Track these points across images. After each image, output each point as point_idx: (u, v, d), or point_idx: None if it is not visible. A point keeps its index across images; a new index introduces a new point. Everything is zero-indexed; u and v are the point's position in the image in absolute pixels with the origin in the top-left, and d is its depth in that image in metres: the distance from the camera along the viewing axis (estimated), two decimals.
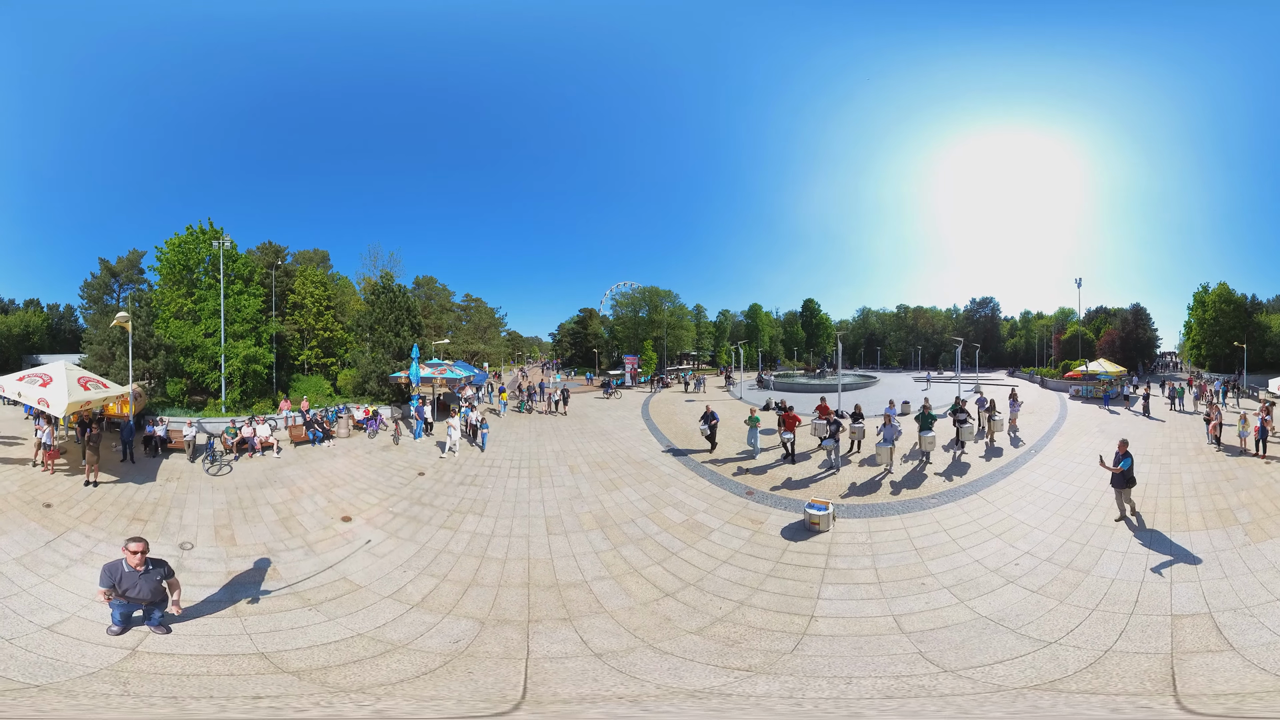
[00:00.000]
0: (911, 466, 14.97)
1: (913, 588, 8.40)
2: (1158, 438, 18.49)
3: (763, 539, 10.31)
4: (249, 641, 6.42)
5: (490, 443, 18.48)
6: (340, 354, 37.47)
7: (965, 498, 12.46)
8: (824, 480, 13.91)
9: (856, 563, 9.38)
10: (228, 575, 8.43)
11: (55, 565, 8.34)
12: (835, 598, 8.22)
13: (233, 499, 12.57)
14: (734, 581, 8.71)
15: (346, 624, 7.00)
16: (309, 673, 5.77)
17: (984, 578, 8.60)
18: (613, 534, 10.62)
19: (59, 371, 13.97)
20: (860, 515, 11.47)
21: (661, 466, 15.67)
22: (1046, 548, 9.56)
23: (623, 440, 19.86)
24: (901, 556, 9.58)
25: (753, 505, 12.17)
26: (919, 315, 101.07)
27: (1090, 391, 32.05)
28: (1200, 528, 10.05)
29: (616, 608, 7.85)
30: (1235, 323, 55.49)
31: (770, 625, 7.48)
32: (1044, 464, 15.31)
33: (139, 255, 52.50)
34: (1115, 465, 10.91)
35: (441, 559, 9.32)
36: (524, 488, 13.70)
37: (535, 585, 8.53)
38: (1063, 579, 8.37)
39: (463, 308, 63.79)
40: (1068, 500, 12.01)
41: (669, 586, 8.54)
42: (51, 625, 6.52)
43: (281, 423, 20.53)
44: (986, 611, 7.56)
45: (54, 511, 10.72)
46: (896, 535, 10.47)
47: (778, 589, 8.47)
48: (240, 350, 26.40)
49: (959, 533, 10.49)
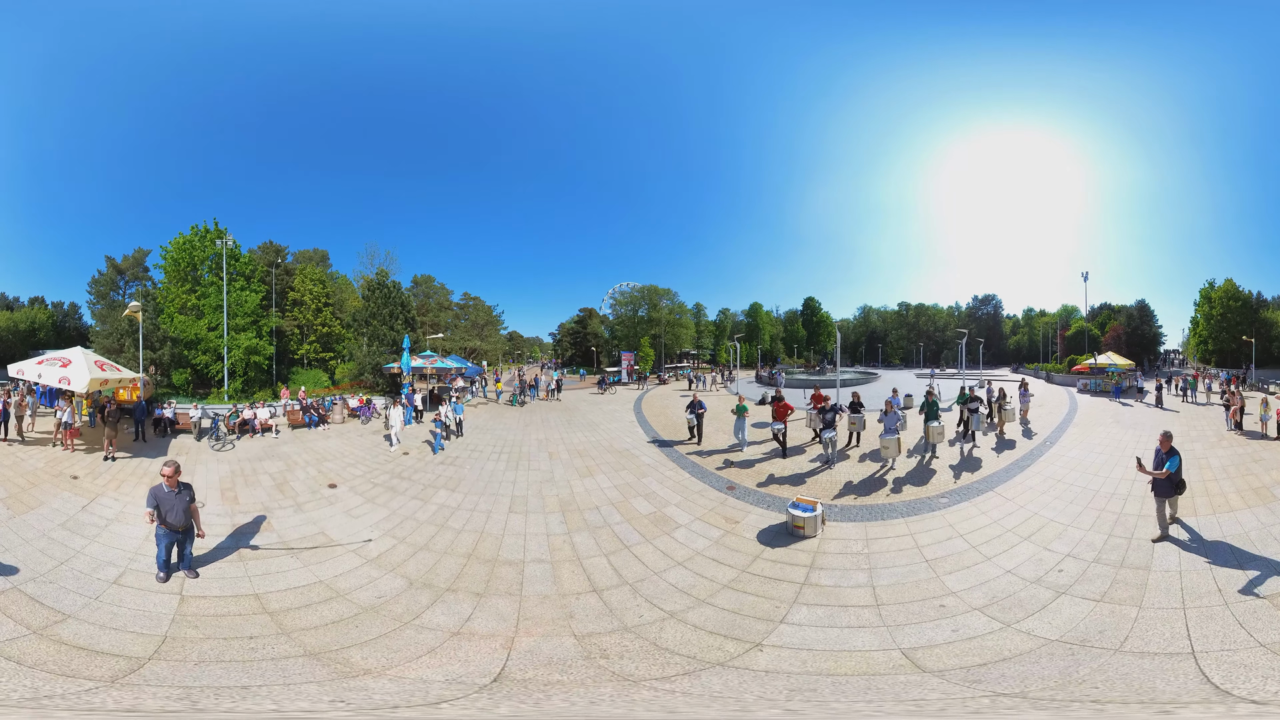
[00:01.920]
0: (916, 462, 13.69)
1: (929, 611, 6.83)
2: (1176, 426, 17.95)
3: (733, 541, 9.18)
4: (248, 584, 7.50)
5: (476, 430, 19.60)
6: (338, 349, 38.82)
7: (980, 495, 11.15)
8: (818, 477, 12.70)
9: (847, 578, 7.79)
10: (233, 527, 9.67)
11: (96, 526, 9.28)
12: (807, 623, 6.65)
13: (235, 469, 13.89)
14: (679, 588, 7.63)
15: (315, 571, 7.99)
16: (279, 613, 6.73)
17: (1025, 592, 7.16)
18: (572, 519, 10.33)
19: (77, 355, 15.44)
20: (856, 518, 10.08)
21: (642, 456, 15.34)
22: (1089, 548, 8.36)
23: (608, 431, 19.95)
24: (909, 570, 7.97)
25: (731, 501, 11.17)
26: (921, 313, 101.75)
27: (1099, 385, 31.66)
28: (1241, 506, 9.73)
29: (531, 593, 7.51)
30: (1242, 318, 55.73)
31: (687, 648, 6.14)
32: (1062, 455, 14.48)
33: (144, 254, 54.16)
34: (1159, 469, 8.55)
35: (405, 524, 10.03)
36: (500, 469, 14.23)
37: (475, 558, 8.65)
38: (1124, 581, 7.26)
39: (461, 306, 65.04)
40: (1097, 493, 11.01)
41: (602, 582, 7.84)
42: (115, 580, 7.36)
43: (280, 409, 21.83)
44: (1050, 633, 6.19)
45: (81, 482, 11.85)
46: (901, 543, 8.95)
47: (729, 604, 7.17)
48: (242, 342, 27.79)
49: (979, 538, 8.98)
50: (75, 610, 6.43)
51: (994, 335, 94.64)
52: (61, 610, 6.39)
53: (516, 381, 37.71)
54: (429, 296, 57.53)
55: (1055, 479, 12.24)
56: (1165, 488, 8.50)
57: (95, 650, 5.60)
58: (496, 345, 69.54)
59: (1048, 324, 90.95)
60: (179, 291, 29.54)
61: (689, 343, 77.48)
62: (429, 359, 28.00)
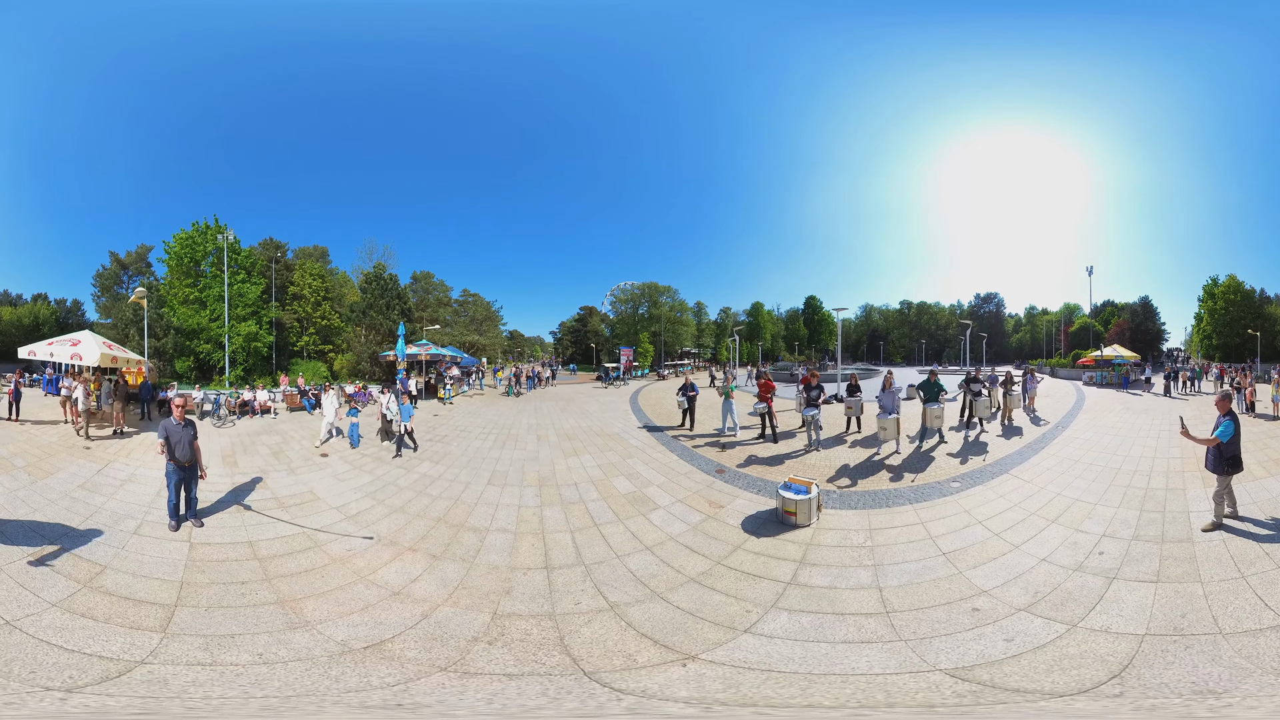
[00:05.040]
0: (915, 448, 12.75)
1: (959, 618, 5.57)
2: (1187, 411, 17.68)
3: (713, 528, 8.31)
4: (244, 533, 8.15)
5: (466, 413, 20.28)
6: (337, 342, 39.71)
7: (995, 479, 10.31)
8: (806, 459, 12.07)
9: (846, 578, 6.62)
10: (232, 485, 10.46)
11: (112, 486, 10.02)
12: (781, 635, 5.33)
13: (235, 441, 14.88)
14: (638, 576, 6.75)
15: (300, 524, 8.62)
16: (267, 559, 7.34)
17: (1071, 582, 6.21)
18: (548, 493, 10.07)
19: (86, 335, 16.31)
20: (856, 505, 9.05)
21: (631, 440, 15.10)
22: (1125, 525, 7.74)
23: (601, 418, 19.89)
24: (924, 567, 6.79)
25: (719, 485, 10.43)
26: (922, 311, 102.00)
27: (1105, 377, 31.29)
28: (1264, 475, 9.71)
29: (483, 562, 7.28)
30: (1246, 312, 56.01)
31: (590, 649, 5.20)
32: (1076, 438, 13.86)
33: (147, 249, 55.43)
34: (1209, 435, 7.62)
35: (386, 489, 10.50)
36: (486, 448, 14.37)
37: (443, 521, 8.70)
38: (1173, 557, 6.65)
39: (460, 303, 65.76)
40: (1119, 470, 10.47)
41: (558, 560, 7.32)
42: (135, 530, 7.97)
43: (280, 395, 22.66)
44: (1131, 627, 5.23)
45: (93, 452, 12.61)
46: (911, 534, 7.84)
47: (688, 602, 6.08)
48: (242, 330, 28.76)
49: (1000, 524, 8.03)
50: (109, 561, 6.95)
51: (996, 333, 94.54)
52: (99, 562, 6.89)
53: (513, 372, 38.52)
54: (428, 292, 58.24)
55: (1072, 460, 11.59)
56: (1219, 461, 7.49)
57: (136, 599, 6.06)
58: (495, 341, 70.10)
59: (1050, 322, 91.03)
60: (181, 285, 30.52)
61: (689, 341, 77.86)
62: (424, 346, 28.76)
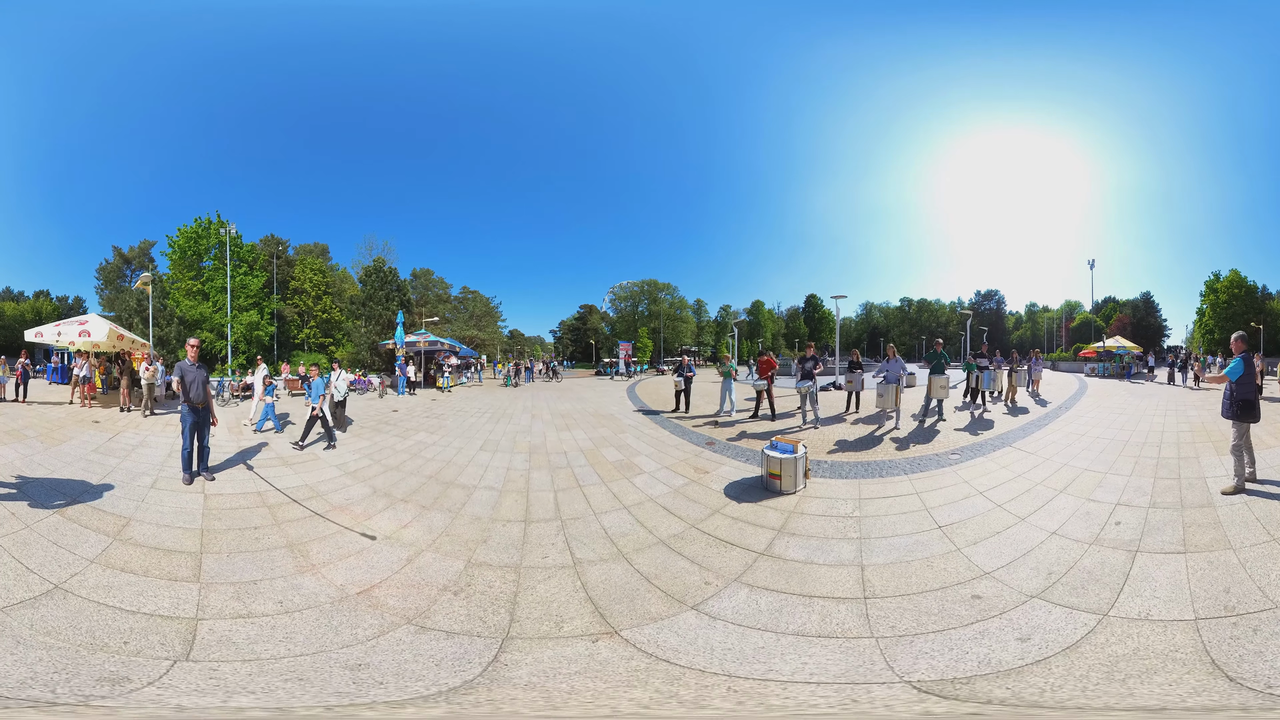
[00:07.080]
0: (917, 425, 12.21)
1: (956, 608, 4.56)
2: (1193, 397, 18.56)
3: (695, 491, 8.08)
4: (253, 484, 8.63)
5: (464, 398, 20.80)
6: (338, 335, 40.35)
7: (998, 450, 9.82)
8: (802, 434, 11.56)
9: (825, 552, 5.85)
10: (239, 448, 11.00)
11: (124, 451, 10.40)
12: (728, 619, 4.56)
13: (240, 415, 15.62)
14: (609, 534, 6.57)
15: (303, 478, 9.16)
16: (275, 507, 7.78)
17: (1089, 559, 5.32)
18: (537, 459, 10.24)
19: (94, 317, 16.85)
20: (847, 475, 8.51)
21: (624, 419, 15.33)
22: (1139, 492, 7.09)
23: (596, 402, 20.26)
24: (915, 543, 5.96)
25: (707, 454, 10.24)
26: (923, 309, 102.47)
27: (1108, 368, 31.10)
28: (1277, 445, 9.39)
29: (467, 514, 7.38)
30: (1248, 307, 56.31)
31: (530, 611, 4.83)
32: (1080, 416, 13.69)
33: (150, 244, 56.18)
34: (1219, 372, 7.27)
35: (383, 451, 11.18)
36: (481, 423, 15.16)
37: (434, 479, 9.00)
38: (1197, 523, 5.97)
39: (460, 299, 66.40)
40: (1127, 443, 10.10)
41: (537, 514, 7.33)
42: (152, 485, 8.32)
43: (281, 383, 23.19)
44: (1176, 612, 4.26)
45: (102, 425, 13.09)
46: (904, 504, 7.13)
47: (648, 566, 5.68)
48: (244, 319, 29.43)
49: (1003, 494, 7.33)
50: (132, 513, 7.15)
51: (997, 330, 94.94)
52: (123, 515, 7.08)
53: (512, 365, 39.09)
54: (428, 289, 58.88)
55: (1078, 434, 11.27)
56: (1236, 407, 6.86)
57: (165, 549, 6.20)
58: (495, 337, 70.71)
59: (1051, 319, 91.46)
60: (184, 277, 31.17)
61: (689, 338, 78.41)
62: (423, 336, 29.32)
